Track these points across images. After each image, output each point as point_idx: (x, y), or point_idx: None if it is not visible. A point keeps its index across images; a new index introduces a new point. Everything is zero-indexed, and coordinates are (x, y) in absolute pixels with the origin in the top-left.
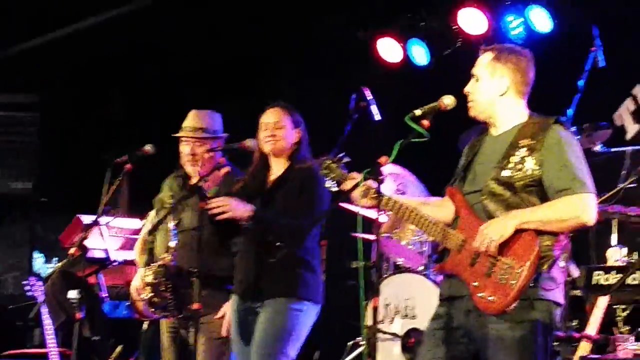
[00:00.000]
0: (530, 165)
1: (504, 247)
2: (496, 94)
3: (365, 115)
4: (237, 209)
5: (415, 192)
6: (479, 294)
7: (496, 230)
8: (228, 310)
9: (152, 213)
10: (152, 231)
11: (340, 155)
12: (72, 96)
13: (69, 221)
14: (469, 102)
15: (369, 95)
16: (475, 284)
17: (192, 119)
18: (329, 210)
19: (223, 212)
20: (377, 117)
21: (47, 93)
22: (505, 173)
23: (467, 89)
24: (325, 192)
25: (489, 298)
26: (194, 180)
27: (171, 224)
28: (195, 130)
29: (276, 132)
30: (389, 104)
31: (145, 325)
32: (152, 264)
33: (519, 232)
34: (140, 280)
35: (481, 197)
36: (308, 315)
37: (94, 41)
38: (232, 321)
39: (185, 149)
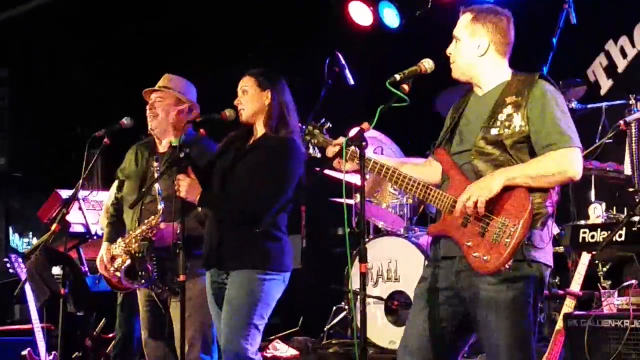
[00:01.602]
0: (518, 121)
1: (496, 205)
2: (477, 55)
3: (339, 80)
4: (187, 190)
5: (391, 154)
6: (474, 254)
7: (483, 188)
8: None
9: (115, 184)
10: (135, 204)
11: (322, 121)
12: (41, 69)
13: (45, 196)
14: (451, 63)
15: (342, 60)
16: (469, 243)
17: (161, 80)
18: (302, 180)
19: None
20: (351, 81)
21: (15, 67)
22: (494, 131)
23: (448, 51)
24: (295, 164)
25: (484, 257)
26: (162, 145)
27: (156, 188)
28: (160, 88)
29: (241, 98)
30: (362, 67)
31: (119, 298)
32: (130, 234)
33: (510, 190)
34: (108, 253)
35: (470, 157)
36: (274, 284)
37: (62, 12)
38: (207, 294)
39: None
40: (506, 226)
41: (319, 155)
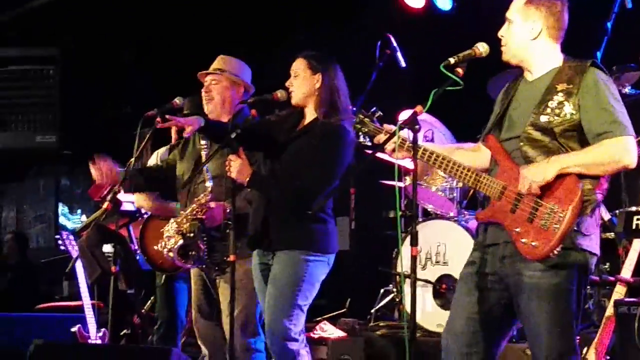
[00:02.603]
0: (569, 109)
1: (546, 192)
2: (529, 38)
3: (391, 63)
4: (237, 171)
5: (443, 139)
6: (522, 240)
7: (537, 172)
8: None
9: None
10: (187, 184)
11: (373, 109)
12: (91, 48)
13: None
14: (502, 46)
15: (393, 42)
16: (518, 230)
17: (215, 62)
18: (354, 165)
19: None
20: (403, 64)
21: (66, 46)
22: (543, 118)
23: (500, 33)
24: (345, 152)
25: (532, 243)
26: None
27: (205, 167)
28: (214, 70)
29: (292, 81)
30: (413, 50)
31: (162, 279)
32: (182, 214)
33: (560, 176)
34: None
35: (520, 144)
36: (318, 265)
37: None
38: (254, 276)
39: (203, 89)
40: (555, 212)
41: (369, 143)
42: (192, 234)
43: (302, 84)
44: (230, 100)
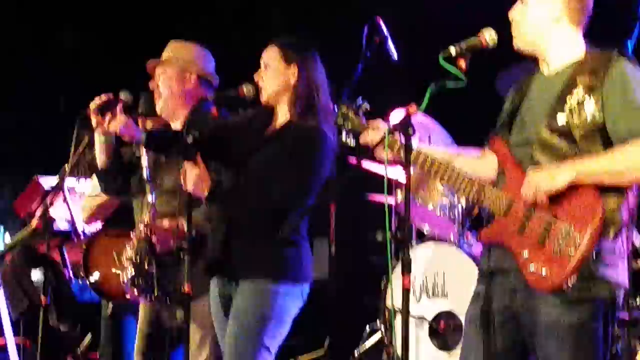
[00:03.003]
0: (591, 108)
1: (560, 208)
2: (546, 22)
3: (380, 53)
4: (194, 182)
5: (441, 144)
6: (530, 267)
7: (546, 178)
8: None
9: None
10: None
11: (360, 101)
12: (22, 29)
13: (21, 184)
14: (513, 30)
15: (383, 27)
16: (525, 254)
17: (165, 49)
18: (332, 176)
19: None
20: (394, 54)
21: None
22: (561, 119)
23: (511, 14)
24: (323, 160)
25: (543, 272)
26: (174, 127)
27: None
28: (162, 59)
29: (261, 74)
30: (407, 38)
31: (109, 310)
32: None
33: (577, 188)
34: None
35: (531, 149)
36: (290, 297)
37: None
38: (211, 309)
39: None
40: (570, 234)
41: (353, 143)
42: (137, 258)
43: (273, 77)
44: (181, 93)
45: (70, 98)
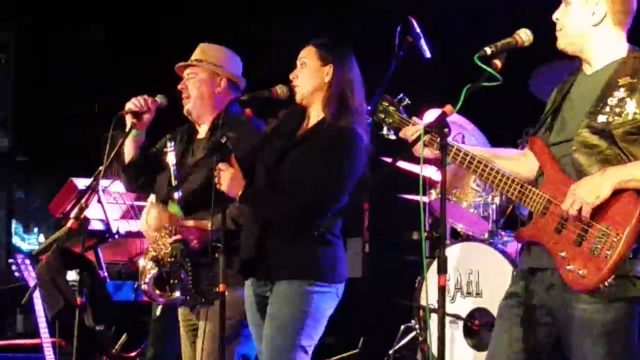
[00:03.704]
0: (632, 108)
1: (598, 211)
2: (590, 23)
3: (413, 52)
4: (228, 183)
5: (475, 144)
6: (568, 267)
7: (590, 191)
8: None
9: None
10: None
11: (400, 96)
12: (54, 32)
13: (56, 185)
14: (558, 30)
15: (416, 27)
16: (563, 254)
17: (195, 52)
18: (366, 176)
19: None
20: (428, 54)
21: (22, 29)
22: (601, 118)
23: (556, 15)
24: (356, 161)
25: (579, 272)
26: (200, 130)
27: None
28: (192, 62)
29: (297, 72)
30: (440, 37)
31: (158, 311)
32: (156, 237)
33: (615, 193)
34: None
35: (571, 149)
36: (325, 297)
37: None
38: (247, 309)
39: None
40: (608, 235)
41: (393, 137)
42: (172, 259)
43: (309, 76)
44: (211, 96)
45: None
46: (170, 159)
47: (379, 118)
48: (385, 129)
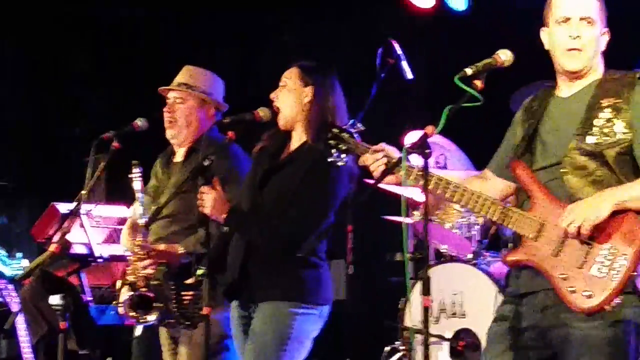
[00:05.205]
0: (620, 128)
1: (600, 231)
2: (601, 48)
3: (395, 73)
4: (212, 205)
5: (458, 165)
6: (569, 288)
7: (590, 209)
8: None
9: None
10: (150, 222)
11: (351, 121)
12: (36, 57)
13: (38, 210)
14: (576, 49)
15: (398, 49)
16: (562, 276)
17: (179, 75)
18: (349, 197)
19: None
20: (409, 75)
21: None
22: (591, 140)
23: (578, 33)
24: (340, 182)
25: (583, 292)
26: (178, 153)
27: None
28: (179, 85)
29: (277, 92)
30: (422, 59)
31: (138, 331)
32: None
33: (615, 214)
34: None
35: (561, 172)
36: (309, 319)
37: None
38: (232, 333)
39: (165, 108)
40: (613, 255)
41: (343, 163)
42: (157, 281)
43: (288, 95)
44: (198, 124)
45: (86, 123)
46: (136, 185)
47: (331, 145)
48: (334, 155)
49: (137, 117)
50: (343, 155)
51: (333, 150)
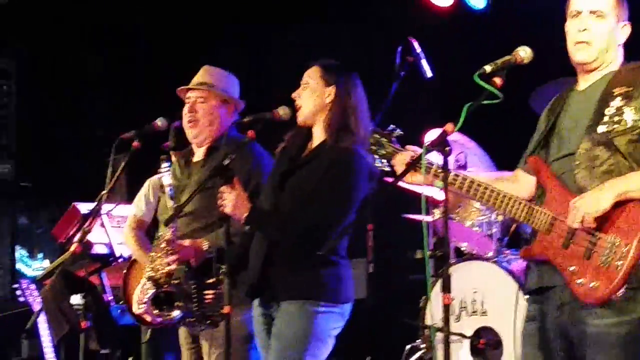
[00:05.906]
0: (630, 115)
1: (605, 223)
2: (618, 41)
3: (414, 72)
4: (233, 205)
5: (478, 163)
6: (578, 281)
7: (591, 202)
8: None
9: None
10: (169, 221)
11: (391, 127)
12: (53, 59)
13: (59, 211)
14: (583, 42)
15: (417, 47)
16: (572, 268)
17: (198, 75)
18: (371, 198)
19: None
20: (429, 73)
21: (22, 57)
22: (601, 129)
23: (584, 26)
24: (359, 181)
25: (591, 284)
26: (197, 153)
27: (167, 192)
28: (200, 85)
29: (300, 92)
30: (441, 57)
31: (147, 335)
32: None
33: (620, 204)
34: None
35: (574, 163)
36: (330, 317)
37: None
38: (255, 331)
39: (185, 108)
40: (617, 246)
41: (387, 168)
42: (177, 280)
43: (310, 96)
44: (220, 123)
45: (108, 124)
46: (166, 180)
47: (372, 150)
48: (378, 160)
49: (159, 117)
50: (384, 161)
51: (376, 156)
